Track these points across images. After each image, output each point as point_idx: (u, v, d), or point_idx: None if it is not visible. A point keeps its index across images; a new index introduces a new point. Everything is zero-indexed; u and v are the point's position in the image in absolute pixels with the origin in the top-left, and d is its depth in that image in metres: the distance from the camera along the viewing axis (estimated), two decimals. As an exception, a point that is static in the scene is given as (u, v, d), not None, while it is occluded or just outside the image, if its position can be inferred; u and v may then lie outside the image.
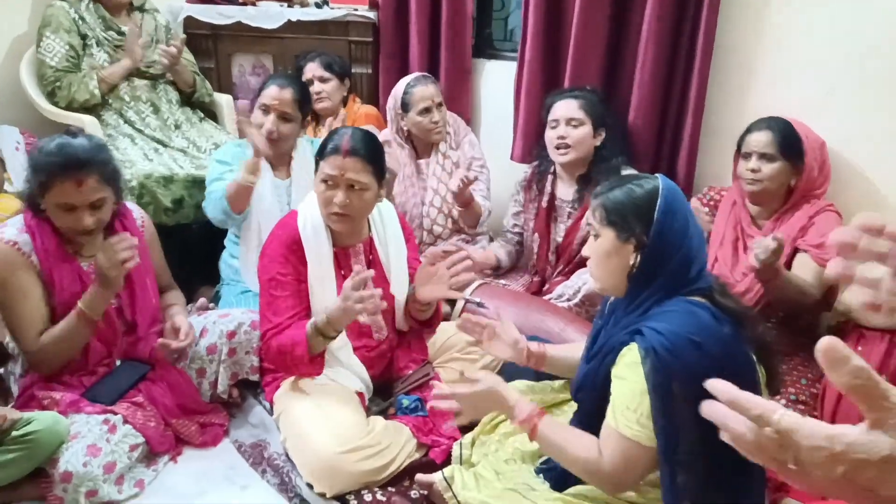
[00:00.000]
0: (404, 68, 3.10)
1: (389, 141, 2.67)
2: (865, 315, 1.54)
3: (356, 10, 3.10)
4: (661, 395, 1.27)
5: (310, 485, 1.76)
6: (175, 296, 2.20)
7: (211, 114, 3.12)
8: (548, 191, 2.58)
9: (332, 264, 1.94)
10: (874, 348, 1.78)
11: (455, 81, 3.02)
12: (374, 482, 1.75)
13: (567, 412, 1.71)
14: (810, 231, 2.06)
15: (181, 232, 2.60)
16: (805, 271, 2.02)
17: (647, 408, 1.28)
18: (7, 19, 2.94)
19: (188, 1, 3.19)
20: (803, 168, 2.10)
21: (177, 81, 2.94)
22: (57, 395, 1.83)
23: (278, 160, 2.42)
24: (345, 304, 1.74)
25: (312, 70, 2.92)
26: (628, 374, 1.33)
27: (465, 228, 2.76)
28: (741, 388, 1.31)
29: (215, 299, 2.54)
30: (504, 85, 2.92)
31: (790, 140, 2.09)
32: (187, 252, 2.53)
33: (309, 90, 2.59)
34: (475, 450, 1.75)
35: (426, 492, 1.73)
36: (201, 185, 2.62)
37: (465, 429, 1.87)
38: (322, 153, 1.88)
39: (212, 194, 2.35)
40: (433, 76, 2.80)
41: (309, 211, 1.94)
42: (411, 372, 2.02)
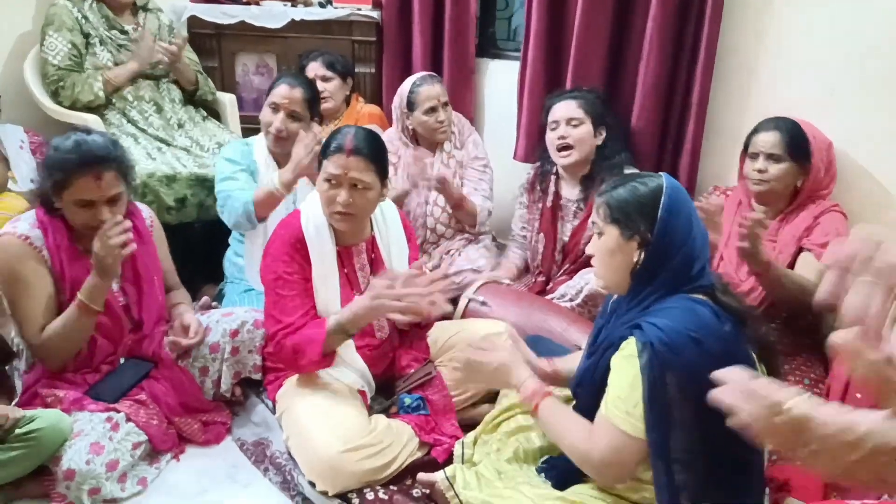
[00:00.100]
0: (408, 68, 3.10)
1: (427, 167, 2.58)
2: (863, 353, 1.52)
3: (360, 10, 3.11)
4: (656, 390, 1.27)
5: (312, 483, 1.76)
6: (181, 295, 2.21)
7: (214, 113, 3.12)
8: (552, 190, 2.58)
9: (335, 263, 1.94)
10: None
11: (458, 81, 3.02)
12: (376, 481, 1.76)
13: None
14: (815, 230, 2.06)
15: (184, 231, 2.60)
16: (808, 270, 2.01)
17: (638, 399, 1.29)
18: (10, 18, 2.95)
19: (192, 0, 3.19)
20: (810, 169, 2.09)
21: (179, 80, 2.94)
22: (60, 393, 1.84)
23: (285, 159, 2.41)
24: (374, 303, 1.75)
25: (315, 69, 2.92)
26: (623, 366, 1.34)
27: (467, 228, 2.76)
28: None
29: (218, 298, 2.54)
30: (507, 84, 2.92)
31: (798, 141, 2.09)
32: (190, 251, 2.54)
33: (318, 91, 2.59)
34: (477, 449, 1.75)
35: (428, 491, 1.73)
36: (204, 184, 2.63)
37: (467, 428, 1.87)
38: (325, 152, 1.88)
39: (233, 196, 2.32)
40: (438, 76, 2.81)
41: (312, 210, 1.94)
42: (413, 371, 2.02)
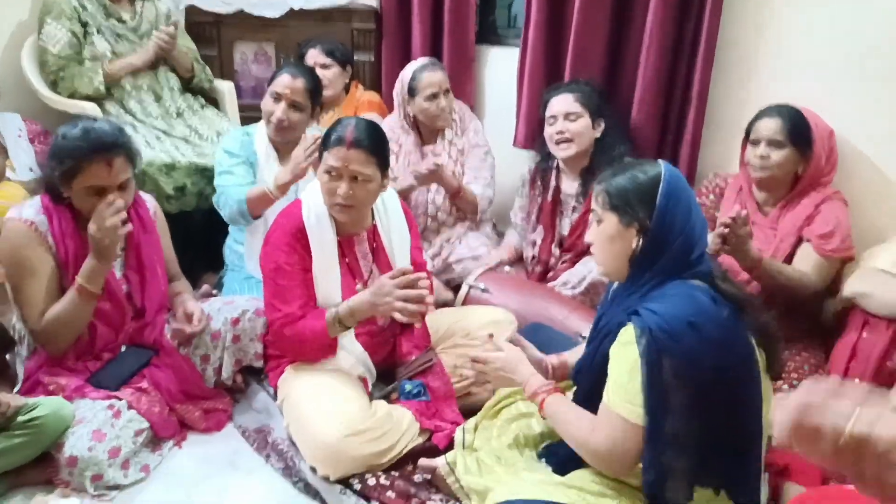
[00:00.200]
0: (407, 55, 3.08)
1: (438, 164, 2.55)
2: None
3: (359, -3, 3.09)
4: (654, 376, 1.28)
5: (313, 469, 1.78)
6: (182, 284, 2.22)
7: (213, 101, 3.11)
8: (552, 185, 2.57)
9: (336, 253, 1.95)
10: (879, 336, 1.78)
11: (458, 68, 3.00)
12: (377, 466, 1.77)
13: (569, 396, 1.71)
14: (816, 220, 2.06)
15: (183, 219, 2.59)
16: (806, 262, 2.01)
17: (638, 386, 1.29)
18: (8, 6, 2.93)
19: (190, -12, 3.18)
20: (811, 156, 2.09)
21: (175, 67, 2.92)
22: (62, 381, 1.85)
23: (286, 148, 2.41)
24: (377, 300, 1.76)
25: (314, 57, 2.91)
26: (622, 353, 1.34)
27: (469, 216, 2.76)
28: (739, 373, 1.31)
29: (218, 286, 2.54)
30: (508, 72, 2.91)
31: (799, 127, 2.08)
32: (189, 239, 2.53)
33: (321, 81, 2.57)
34: (478, 435, 1.76)
35: (429, 476, 1.75)
36: (203, 173, 2.62)
37: (468, 414, 1.88)
38: (326, 144, 1.87)
39: (228, 193, 2.32)
40: (439, 62, 2.79)
41: (312, 200, 1.94)
42: (414, 357, 2.03)
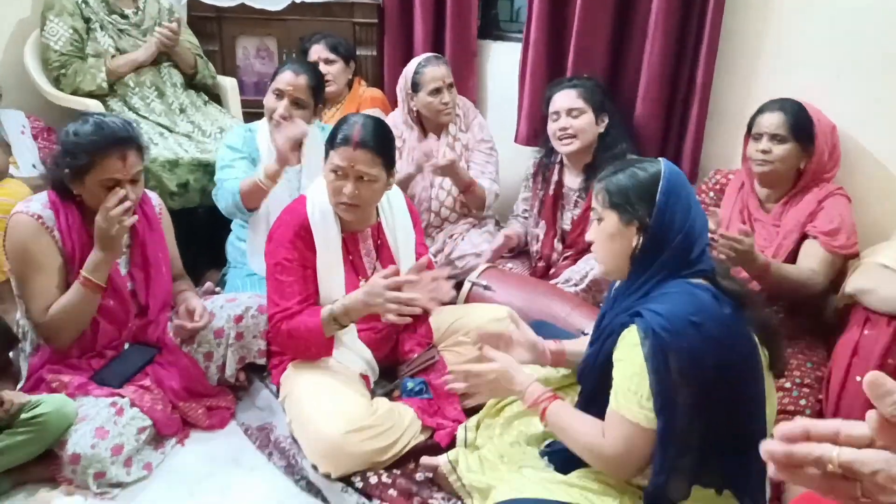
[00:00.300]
0: (409, 50, 3.07)
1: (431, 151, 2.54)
2: None
3: (361, -8, 3.08)
4: (661, 376, 1.27)
5: (315, 467, 1.78)
6: (186, 283, 2.23)
7: (215, 97, 3.11)
8: (554, 179, 2.57)
9: (341, 249, 1.94)
10: (881, 332, 1.77)
11: (460, 63, 2.99)
12: (379, 463, 1.77)
13: (573, 396, 1.71)
14: (819, 216, 2.04)
15: (187, 216, 2.60)
16: (811, 259, 2.00)
17: (648, 389, 1.29)
18: (10, 3, 2.93)
19: (192, -17, 3.17)
20: (814, 151, 2.07)
21: (178, 63, 2.92)
22: (65, 379, 1.86)
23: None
24: (370, 299, 1.76)
25: (318, 52, 2.90)
26: (628, 356, 1.33)
27: (473, 211, 2.76)
28: (742, 370, 1.31)
29: (221, 283, 2.55)
30: (510, 67, 2.89)
31: (802, 122, 2.07)
32: (193, 236, 2.54)
33: (323, 78, 2.56)
34: (480, 433, 1.76)
35: (431, 474, 1.75)
36: (206, 169, 2.63)
37: (470, 412, 1.88)
38: (332, 143, 1.86)
39: (224, 186, 2.32)
40: (443, 57, 2.78)
41: (317, 196, 1.94)
42: (416, 355, 2.03)
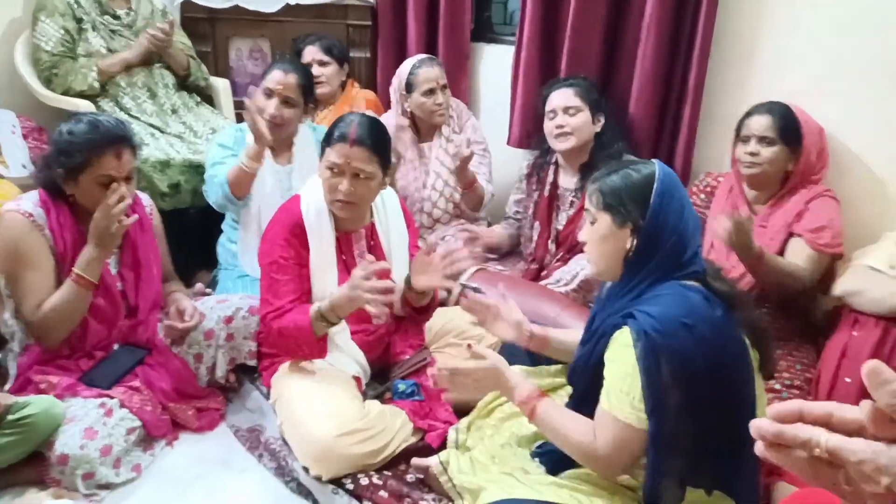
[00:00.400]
0: (403, 52, 3.07)
1: (403, 127, 2.62)
2: None
3: (354, -6, 3.08)
4: (653, 378, 1.27)
5: (306, 469, 1.77)
6: (176, 284, 2.22)
7: (208, 98, 3.10)
8: (549, 180, 2.57)
9: (335, 249, 1.94)
10: (869, 333, 1.79)
11: (454, 66, 2.99)
12: (370, 466, 1.76)
13: (563, 396, 1.71)
14: (806, 216, 2.06)
15: (178, 217, 2.59)
16: (798, 256, 2.01)
17: (639, 390, 1.29)
18: (1, 3, 2.91)
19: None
20: (801, 153, 2.09)
21: (170, 64, 2.91)
22: (53, 380, 1.84)
23: (280, 145, 2.40)
24: (352, 293, 1.75)
25: (312, 54, 2.90)
26: (620, 357, 1.34)
27: (466, 212, 2.76)
28: (733, 372, 1.32)
29: (212, 284, 2.54)
30: (504, 69, 2.90)
31: (789, 124, 2.09)
32: (184, 237, 2.53)
33: (313, 76, 2.56)
34: (471, 434, 1.75)
35: (422, 476, 1.75)
36: (198, 170, 2.61)
37: (461, 413, 1.87)
38: (329, 140, 1.86)
39: (213, 178, 2.33)
40: (437, 58, 2.78)
41: (312, 196, 1.94)
42: (408, 357, 2.03)
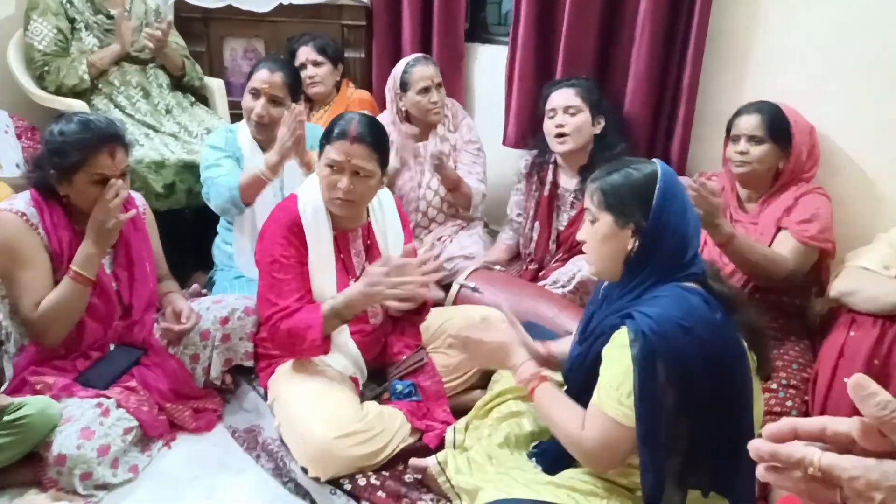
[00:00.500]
0: (397, 52, 3.07)
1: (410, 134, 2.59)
2: None
3: (349, -6, 3.07)
4: (647, 379, 1.28)
5: (304, 469, 1.77)
6: (171, 284, 2.22)
7: (202, 98, 3.09)
8: (549, 180, 2.57)
9: (332, 247, 1.94)
10: (866, 334, 1.80)
11: (448, 66, 2.99)
12: (368, 467, 1.76)
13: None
14: (794, 210, 2.07)
15: (173, 218, 2.57)
16: (784, 247, 2.02)
17: (630, 388, 1.30)
18: (-7, 2, 2.90)
19: (179, -17, 3.15)
20: (791, 151, 2.10)
21: (166, 65, 2.90)
22: (50, 380, 1.83)
23: (269, 144, 2.39)
24: (371, 290, 1.75)
25: (306, 54, 2.89)
26: (616, 355, 1.34)
27: (461, 212, 2.76)
28: (730, 374, 1.32)
29: (208, 285, 2.53)
30: (499, 70, 2.90)
31: (778, 123, 2.10)
32: (179, 238, 2.51)
33: (300, 74, 2.55)
34: (468, 434, 1.76)
35: (420, 476, 1.75)
36: (193, 170, 2.60)
37: (459, 413, 1.88)
38: (328, 138, 1.86)
39: (217, 182, 2.30)
40: (431, 57, 2.78)
41: (309, 194, 1.93)
42: (405, 357, 2.02)
